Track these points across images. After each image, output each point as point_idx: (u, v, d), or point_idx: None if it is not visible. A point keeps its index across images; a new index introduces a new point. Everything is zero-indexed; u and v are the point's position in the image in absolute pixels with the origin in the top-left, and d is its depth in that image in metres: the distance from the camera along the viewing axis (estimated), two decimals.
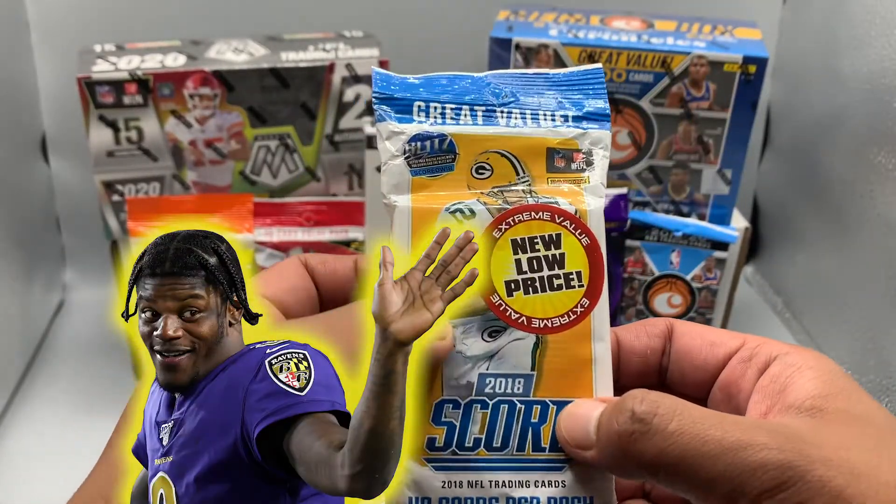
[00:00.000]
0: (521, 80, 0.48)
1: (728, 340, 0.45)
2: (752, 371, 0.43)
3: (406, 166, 0.45)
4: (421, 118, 0.46)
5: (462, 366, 0.43)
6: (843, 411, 0.39)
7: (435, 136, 0.45)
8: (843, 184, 0.92)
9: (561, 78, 0.48)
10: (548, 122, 0.47)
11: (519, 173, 0.46)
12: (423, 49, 1.06)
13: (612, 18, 0.92)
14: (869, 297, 0.87)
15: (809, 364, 0.41)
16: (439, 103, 0.46)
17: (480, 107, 0.46)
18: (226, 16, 1.05)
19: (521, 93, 0.47)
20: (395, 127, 0.45)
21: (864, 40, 0.88)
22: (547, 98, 0.48)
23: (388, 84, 0.47)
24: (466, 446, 0.43)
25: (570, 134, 0.46)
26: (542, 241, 0.44)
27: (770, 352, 0.43)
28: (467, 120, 0.46)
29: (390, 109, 0.46)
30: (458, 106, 0.46)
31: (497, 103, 0.47)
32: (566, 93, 0.48)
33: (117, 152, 0.90)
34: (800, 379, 0.41)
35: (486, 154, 0.45)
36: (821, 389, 0.40)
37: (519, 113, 0.47)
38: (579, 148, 0.46)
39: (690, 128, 0.89)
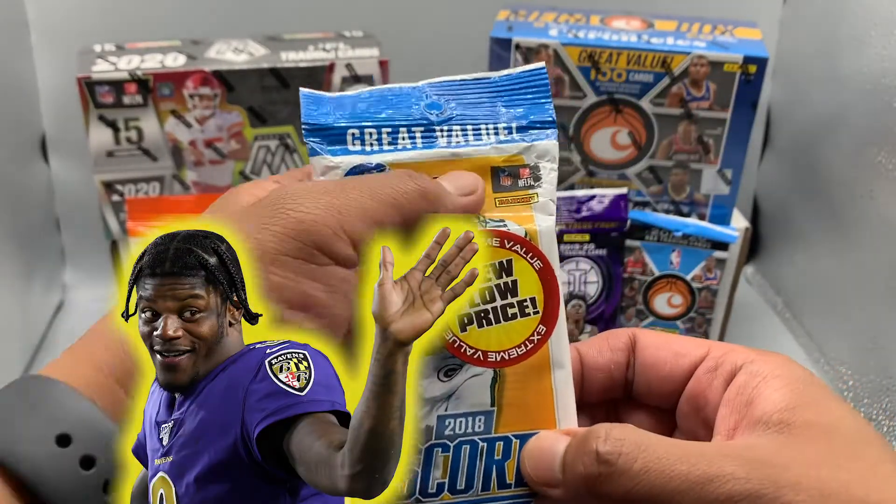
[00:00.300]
0: (461, 88, 0.45)
1: (693, 350, 0.44)
2: (719, 381, 0.42)
3: None
4: (356, 146, 0.43)
5: (419, 409, 0.42)
6: (812, 424, 0.38)
7: (373, 168, 0.42)
8: (844, 184, 0.92)
9: (502, 82, 0.45)
10: (491, 136, 0.44)
11: None
12: (423, 49, 1.06)
13: (612, 18, 0.92)
14: (869, 297, 0.87)
15: (776, 373, 0.41)
16: (374, 128, 0.43)
17: (418, 127, 0.43)
18: (226, 16, 1.05)
19: (461, 104, 0.44)
20: (329, 161, 0.42)
21: (864, 40, 0.88)
22: (489, 107, 0.45)
23: (317, 109, 0.43)
24: (430, 492, 0.41)
25: (514, 149, 0.44)
26: (492, 269, 0.42)
27: (735, 360, 0.42)
28: (405, 143, 0.43)
29: (322, 141, 0.42)
30: (395, 128, 0.43)
31: (436, 121, 0.44)
32: (509, 99, 0.45)
33: (117, 152, 0.90)
34: (766, 389, 0.40)
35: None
36: (788, 401, 0.39)
37: (460, 129, 0.44)
38: (525, 163, 0.44)
39: (690, 128, 0.89)
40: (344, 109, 0.44)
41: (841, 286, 0.94)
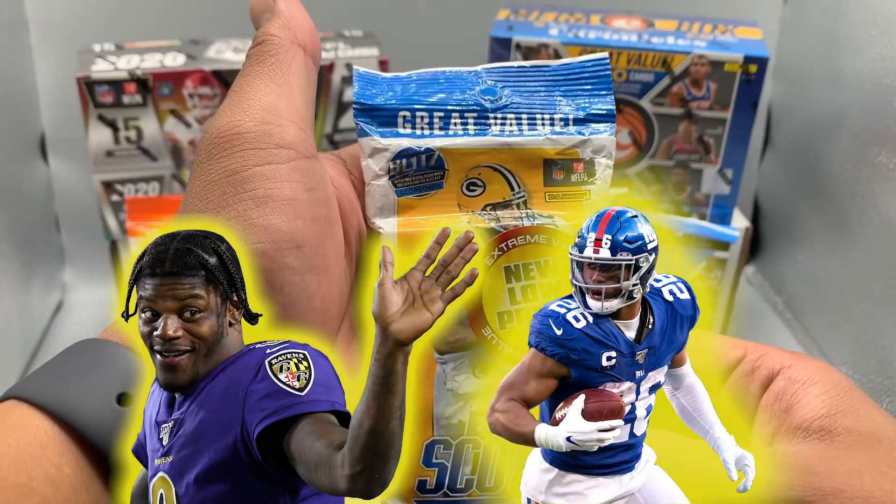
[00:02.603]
0: (518, 75, 0.43)
1: (728, 351, 0.44)
2: (756, 386, 0.42)
3: (391, 186, 0.41)
4: (406, 129, 0.42)
5: (453, 404, 0.41)
6: (852, 430, 0.38)
7: (422, 152, 0.41)
8: (844, 183, 0.92)
9: (561, 71, 0.44)
10: (546, 126, 0.42)
11: (514, 188, 0.42)
12: (423, 49, 1.06)
13: (612, 18, 0.92)
14: (870, 297, 0.87)
15: (814, 379, 0.40)
16: (426, 111, 0.42)
17: (471, 113, 0.42)
18: (225, 15, 1.05)
19: (516, 91, 0.43)
20: (377, 142, 0.41)
21: (864, 40, 0.87)
22: (546, 96, 0.43)
23: (370, 89, 0.42)
24: (459, 487, 0.41)
25: (569, 142, 0.42)
26: (537, 267, 0.41)
27: (773, 365, 0.42)
28: (457, 129, 0.42)
29: (372, 122, 0.42)
30: (447, 113, 0.42)
31: (490, 107, 0.42)
32: (567, 88, 0.43)
33: (116, 152, 0.90)
34: (805, 396, 0.40)
35: (477, 169, 0.42)
36: (828, 407, 0.39)
37: (514, 117, 0.42)
38: (580, 157, 0.42)
39: (691, 127, 0.89)
40: (396, 90, 0.43)
41: (841, 286, 0.94)
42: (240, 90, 0.43)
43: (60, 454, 0.39)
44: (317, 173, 0.42)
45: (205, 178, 0.42)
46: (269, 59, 0.44)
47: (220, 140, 0.41)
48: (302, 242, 0.41)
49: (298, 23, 0.45)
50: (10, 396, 0.40)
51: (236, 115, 0.42)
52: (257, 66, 0.43)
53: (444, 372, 0.41)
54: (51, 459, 0.39)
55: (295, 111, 0.42)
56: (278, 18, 0.45)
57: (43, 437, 0.39)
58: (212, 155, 0.42)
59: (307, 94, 0.44)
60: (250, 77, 0.43)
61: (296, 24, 0.45)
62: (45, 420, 0.40)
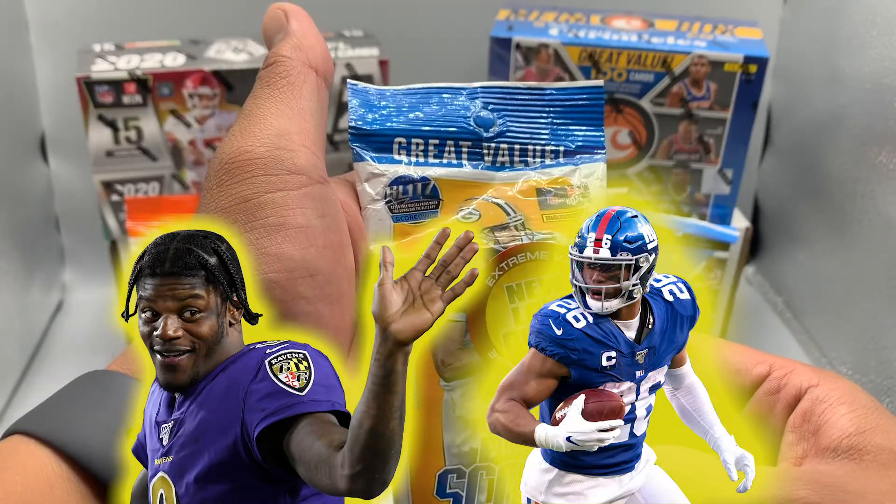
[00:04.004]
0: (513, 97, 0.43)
1: (752, 367, 0.43)
2: (781, 406, 0.41)
3: (387, 211, 0.42)
4: (402, 156, 0.42)
5: (463, 431, 0.41)
6: (883, 449, 0.37)
7: (417, 181, 0.42)
8: (844, 183, 0.92)
9: (556, 96, 0.44)
10: (537, 160, 0.43)
11: (510, 214, 0.42)
12: (423, 49, 1.06)
13: (612, 18, 0.92)
14: (870, 297, 0.87)
15: (842, 399, 0.40)
16: (421, 138, 0.42)
17: (466, 141, 0.42)
18: (225, 15, 1.05)
19: (510, 116, 0.43)
20: (374, 168, 0.41)
21: (864, 40, 0.87)
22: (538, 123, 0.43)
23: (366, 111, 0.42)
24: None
25: (559, 173, 0.43)
26: (539, 284, 0.42)
27: (799, 384, 0.41)
28: (451, 158, 0.42)
29: (368, 147, 0.42)
30: (442, 140, 0.42)
31: (484, 137, 0.42)
32: (560, 116, 0.44)
33: (116, 152, 0.90)
34: (832, 416, 0.39)
35: (471, 201, 0.42)
36: (856, 425, 0.38)
37: (507, 148, 0.42)
38: (572, 184, 0.43)
39: (691, 127, 0.89)
40: (391, 110, 0.42)
41: (841, 286, 0.94)
42: (250, 113, 0.42)
43: (68, 494, 0.38)
44: (329, 199, 0.41)
45: (216, 204, 0.41)
46: (280, 82, 0.43)
47: (231, 166, 0.41)
48: (315, 271, 0.40)
49: (311, 43, 0.45)
50: (17, 431, 0.39)
51: (247, 139, 0.41)
52: (268, 89, 0.43)
53: (451, 399, 0.41)
54: (59, 499, 0.38)
55: (306, 135, 0.42)
56: (290, 39, 0.44)
57: (51, 475, 0.38)
58: (222, 181, 0.41)
59: (318, 118, 0.43)
60: (261, 100, 0.42)
61: (308, 44, 0.44)
62: (52, 458, 0.39)
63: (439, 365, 0.41)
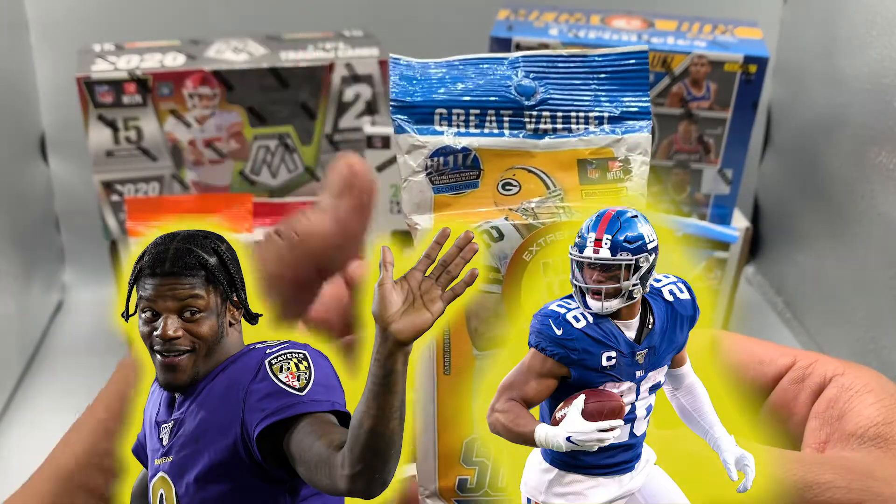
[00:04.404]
0: (555, 65, 0.43)
1: (777, 358, 0.43)
2: (806, 394, 0.41)
3: (428, 183, 0.41)
4: (443, 127, 0.42)
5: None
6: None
7: (458, 151, 0.41)
8: (844, 183, 0.92)
9: (599, 62, 0.43)
10: (580, 125, 0.42)
11: (549, 187, 0.42)
12: (423, 49, 1.05)
13: (612, 18, 0.92)
14: (870, 297, 0.87)
15: (869, 387, 0.39)
16: (462, 108, 0.42)
17: (507, 110, 0.42)
18: (225, 15, 1.05)
19: (552, 84, 0.43)
20: (415, 139, 0.41)
21: (864, 40, 0.87)
22: (581, 91, 0.43)
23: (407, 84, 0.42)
24: (500, 486, 0.41)
25: (603, 142, 0.42)
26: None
27: (824, 372, 0.41)
28: (493, 128, 0.42)
29: (409, 119, 0.42)
30: (483, 110, 0.42)
31: (525, 105, 0.42)
32: (604, 82, 0.43)
33: (116, 152, 0.90)
34: (859, 404, 0.39)
35: (511, 170, 0.42)
36: (884, 415, 0.38)
37: (549, 115, 0.42)
38: (615, 156, 0.42)
39: (691, 127, 0.89)
40: (432, 82, 0.42)
41: (841, 286, 0.94)
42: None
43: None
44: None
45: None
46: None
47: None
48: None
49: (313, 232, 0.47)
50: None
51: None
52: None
53: (482, 367, 0.41)
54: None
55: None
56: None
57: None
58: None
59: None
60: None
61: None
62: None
63: (472, 333, 0.41)
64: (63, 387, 0.95)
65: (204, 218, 0.85)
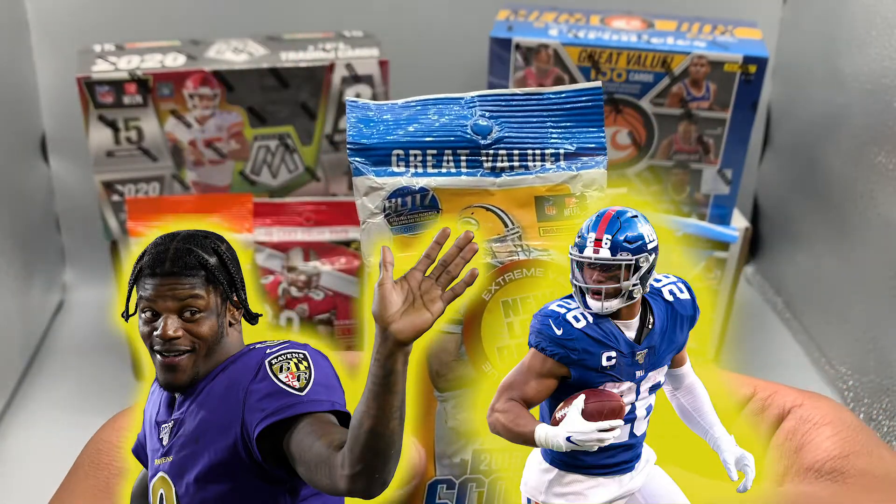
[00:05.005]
0: (510, 104, 0.43)
1: (738, 388, 0.43)
2: (766, 426, 0.41)
3: (386, 224, 0.42)
4: (400, 168, 0.42)
5: (455, 443, 0.41)
6: (866, 472, 0.37)
7: (416, 192, 0.42)
8: (844, 184, 0.92)
9: (554, 100, 0.44)
10: (536, 163, 0.42)
11: (508, 225, 0.42)
12: (423, 49, 1.06)
13: (612, 18, 0.92)
14: (869, 297, 0.87)
15: (827, 419, 0.39)
16: (419, 149, 0.42)
17: (464, 149, 0.42)
18: (226, 16, 1.05)
19: (508, 123, 0.43)
20: (373, 181, 0.42)
21: (864, 40, 0.87)
22: (537, 128, 0.43)
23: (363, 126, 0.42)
24: None
25: (559, 178, 0.43)
26: (535, 300, 0.41)
27: (783, 403, 0.41)
28: (450, 167, 0.42)
29: (367, 161, 0.42)
30: (440, 150, 0.42)
31: (482, 143, 0.42)
32: (560, 119, 0.43)
33: (117, 152, 0.90)
34: (817, 437, 0.39)
35: (470, 209, 0.42)
36: (840, 448, 0.38)
37: (506, 153, 0.42)
38: (571, 192, 0.43)
39: (690, 128, 0.89)
40: (389, 124, 0.42)
41: (841, 286, 0.94)
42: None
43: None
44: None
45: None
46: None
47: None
48: None
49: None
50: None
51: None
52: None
53: (444, 410, 0.41)
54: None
55: None
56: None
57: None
58: None
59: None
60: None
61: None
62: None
63: (434, 375, 0.42)
64: (64, 387, 0.95)
65: (204, 218, 0.86)
